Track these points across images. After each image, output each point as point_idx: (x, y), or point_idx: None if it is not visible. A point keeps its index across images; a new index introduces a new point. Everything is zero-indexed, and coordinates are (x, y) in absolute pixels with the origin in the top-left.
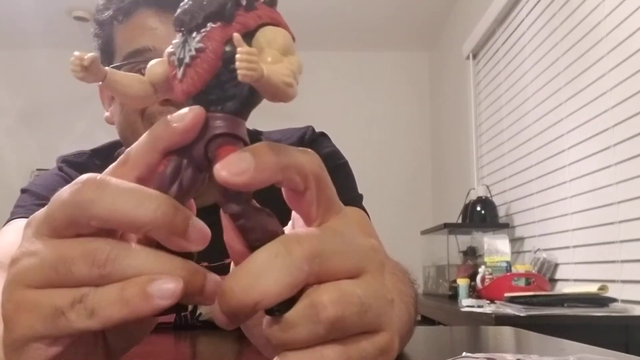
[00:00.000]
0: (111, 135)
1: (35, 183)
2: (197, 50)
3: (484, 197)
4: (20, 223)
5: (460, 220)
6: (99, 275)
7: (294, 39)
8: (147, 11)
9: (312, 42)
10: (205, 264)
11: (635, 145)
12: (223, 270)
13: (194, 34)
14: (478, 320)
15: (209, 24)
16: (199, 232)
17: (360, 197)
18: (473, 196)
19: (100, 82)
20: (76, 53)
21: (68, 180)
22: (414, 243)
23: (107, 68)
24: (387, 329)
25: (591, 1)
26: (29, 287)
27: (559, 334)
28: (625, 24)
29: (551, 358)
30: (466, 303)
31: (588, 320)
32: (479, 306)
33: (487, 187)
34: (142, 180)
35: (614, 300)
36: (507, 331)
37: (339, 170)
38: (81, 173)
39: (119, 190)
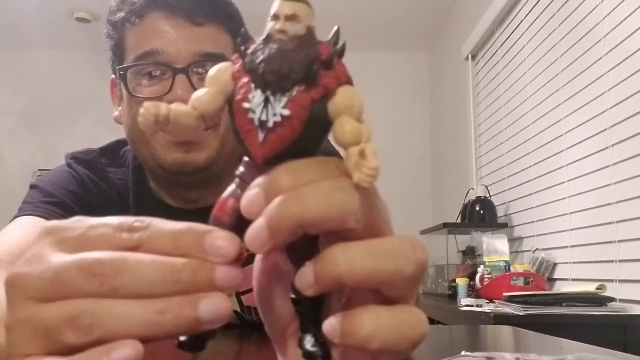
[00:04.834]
0: (112, 135)
1: (44, 179)
2: (283, 116)
3: (482, 197)
4: (26, 220)
5: (459, 220)
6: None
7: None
8: (158, 14)
9: None
10: None
11: (633, 145)
12: None
13: (279, 96)
14: (477, 319)
15: (295, 88)
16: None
17: None
18: (472, 196)
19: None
20: (149, 105)
21: (77, 177)
22: None
23: (170, 108)
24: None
25: (590, 2)
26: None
27: (557, 333)
28: (623, 24)
29: (549, 357)
30: (465, 302)
31: (586, 319)
32: (477, 305)
33: (486, 187)
34: None
35: (612, 299)
36: (506, 330)
37: None
38: (90, 170)
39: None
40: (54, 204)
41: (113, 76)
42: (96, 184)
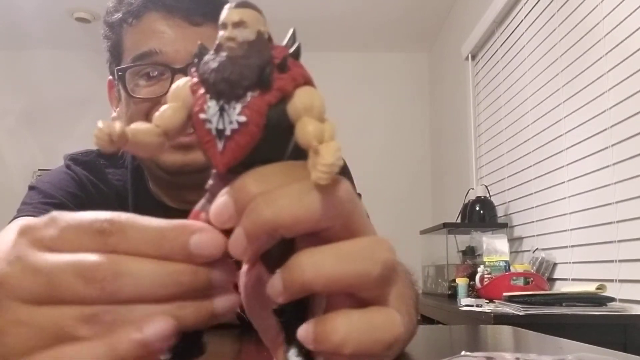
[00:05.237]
0: None
1: (43, 180)
2: (239, 123)
3: (482, 197)
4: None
5: (459, 220)
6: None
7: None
8: (155, 15)
9: (312, 43)
10: None
11: (633, 145)
12: None
13: (233, 103)
14: (477, 319)
15: (249, 93)
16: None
17: (359, 196)
18: (472, 196)
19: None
20: (101, 125)
21: (75, 178)
22: (414, 243)
23: (127, 131)
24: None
25: (590, 2)
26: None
27: (557, 333)
28: (623, 24)
29: (549, 357)
30: (465, 302)
31: (586, 319)
32: (477, 305)
33: (486, 187)
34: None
35: (612, 299)
36: (506, 330)
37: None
38: (88, 171)
39: (140, 275)
40: (52, 205)
41: (110, 77)
42: (95, 185)
